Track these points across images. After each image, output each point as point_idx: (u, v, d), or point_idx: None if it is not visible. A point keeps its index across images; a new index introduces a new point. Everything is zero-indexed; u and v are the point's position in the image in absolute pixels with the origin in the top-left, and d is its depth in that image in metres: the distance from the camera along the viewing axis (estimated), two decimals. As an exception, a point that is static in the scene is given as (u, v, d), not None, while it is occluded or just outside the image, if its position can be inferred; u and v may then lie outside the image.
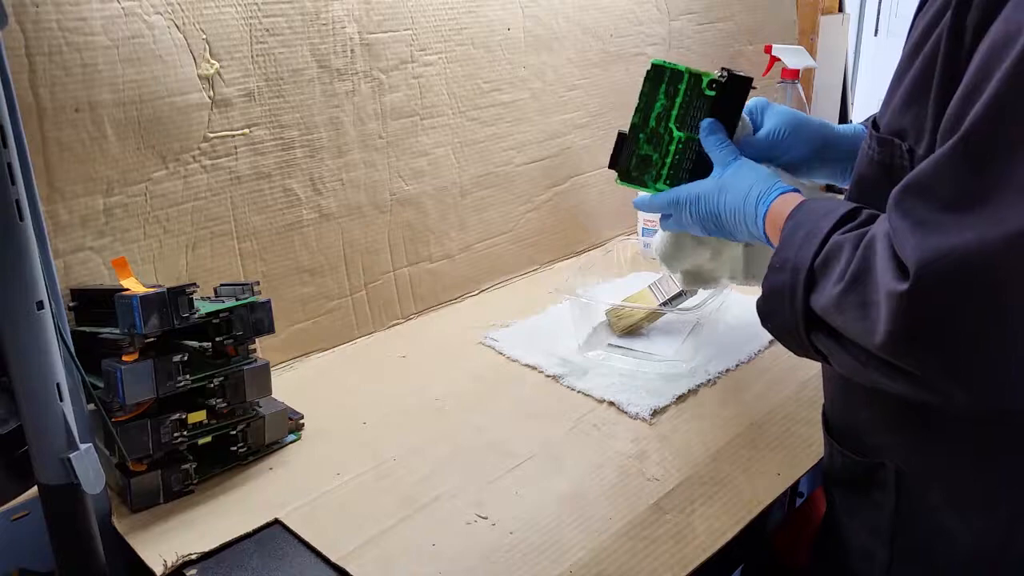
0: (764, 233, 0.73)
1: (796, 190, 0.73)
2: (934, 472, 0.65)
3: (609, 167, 0.86)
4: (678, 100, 0.80)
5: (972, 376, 0.50)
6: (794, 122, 0.84)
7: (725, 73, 0.80)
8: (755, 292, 0.68)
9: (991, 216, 0.47)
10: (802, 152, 0.84)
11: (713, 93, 0.80)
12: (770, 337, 0.68)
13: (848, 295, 0.55)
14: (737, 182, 0.76)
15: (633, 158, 0.84)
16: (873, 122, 0.64)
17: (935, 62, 0.55)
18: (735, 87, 0.80)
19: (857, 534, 0.72)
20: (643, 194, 0.89)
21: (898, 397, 0.57)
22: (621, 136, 0.84)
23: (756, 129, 0.85)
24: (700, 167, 0.83)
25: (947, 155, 0.50)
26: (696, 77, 0.80)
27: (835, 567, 0.76)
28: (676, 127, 0.82)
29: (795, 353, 0.66)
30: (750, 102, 0.84)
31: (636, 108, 0.83)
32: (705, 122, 0.81)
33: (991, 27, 0.50)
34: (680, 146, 0.83)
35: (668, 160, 0.83)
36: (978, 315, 0.48)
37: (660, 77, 0.80)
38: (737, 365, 1.05)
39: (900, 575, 0.69)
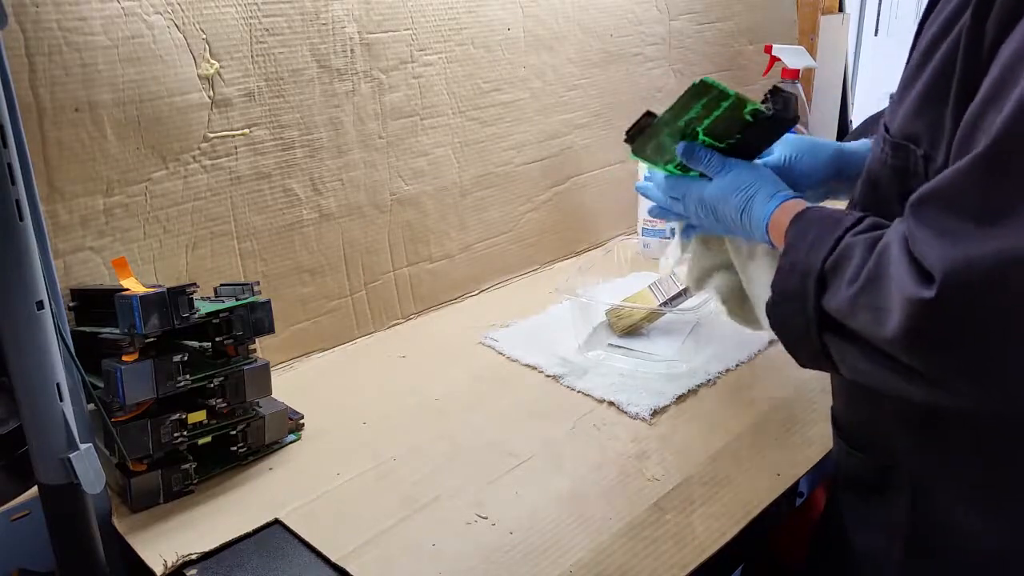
0: (768, 236, 0.73)
1: (800, 196, 0.73)
2: (948, 472, 0.64)
3: (625, 140, 0.84)
4: (716, 113, 0.78)
5: (988, 379, 0.51)
6: (806, 146, 0.83)
7: (770, 108, 0.77)
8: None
9: (1016, 228, 0.47)
10: (822, 173, 0.83)
11: (751, 120, 0.77)
12: (769, 337, 0.68)
13: (862, 296, 0.55)
14: (738, 184, 0.76)
15: (651, 141, 0.82)
16: (884, 125, 0.63)
17: (951, 68, 0.54)
18: (775, 123, 0.78)
19: (866, 533, 0.72)
20: (645, 181, 0.89)
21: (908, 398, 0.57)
22: (649, 115, 0.82)
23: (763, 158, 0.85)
24: None
25: (971, 165, 0.49)
26: (741, 102, 0.77)
27: (837, 566, 0.76)
28: (702, 132, 0.80)
29: (803, 363, 0.66)
30: None
31: (669, 107, 0.81)
32: (680, 147, 0.80)
33: (1011, 34, 0.50)
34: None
35: None
36: (999, 323, 0.49)
37: (704, 92, 0.77)
38: (737, 365, 1.05)
39: (913, 574, 0.68)
